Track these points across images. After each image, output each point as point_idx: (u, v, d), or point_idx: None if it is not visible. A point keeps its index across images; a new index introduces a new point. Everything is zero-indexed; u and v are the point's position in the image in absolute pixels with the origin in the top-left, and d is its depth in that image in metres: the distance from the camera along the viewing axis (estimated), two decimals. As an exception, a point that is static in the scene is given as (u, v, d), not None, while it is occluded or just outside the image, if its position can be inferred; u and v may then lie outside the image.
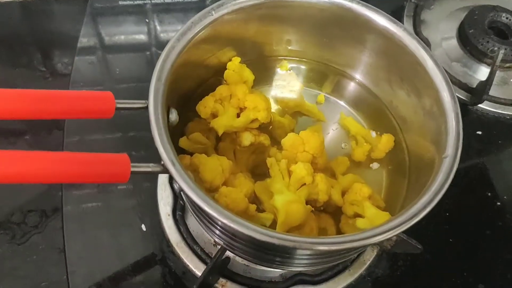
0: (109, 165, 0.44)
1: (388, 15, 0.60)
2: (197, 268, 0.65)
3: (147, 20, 0.95)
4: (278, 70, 0.71)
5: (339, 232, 0.59)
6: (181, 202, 0.68)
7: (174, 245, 0.66)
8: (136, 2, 0.97)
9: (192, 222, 0.68)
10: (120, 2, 0.97)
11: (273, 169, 0.56)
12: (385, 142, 0.64)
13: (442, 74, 0.55)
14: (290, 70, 0.70)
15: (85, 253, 0.66)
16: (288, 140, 0.59)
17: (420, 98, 0.59)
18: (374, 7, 0.60)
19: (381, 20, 0.60)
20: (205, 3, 0.98)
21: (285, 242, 0.44)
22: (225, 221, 0.44)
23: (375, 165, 0.66)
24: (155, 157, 0.47)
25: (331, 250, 0.46)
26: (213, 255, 0.64)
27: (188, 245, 0.66)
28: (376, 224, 0.53)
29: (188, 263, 0.65)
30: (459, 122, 0.52)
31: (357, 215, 0.57)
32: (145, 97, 0.51)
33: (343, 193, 0.60)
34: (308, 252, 0.50)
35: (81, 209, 0.70)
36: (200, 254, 0.66)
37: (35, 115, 0.44)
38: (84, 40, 0.91)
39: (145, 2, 0.97)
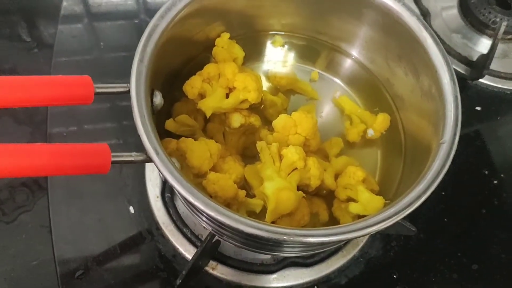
0: (88, 156, 0.42)
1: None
2: (187, 251, 0.64)
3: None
4: (271, 46, 0.68)
5: (331, 216, 0.58)
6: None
7: (164, 227, 0.65)
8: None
9: (182, 204, 0.66)
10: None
11: (263, 153, 0.54)
12: (381, 121, 0.62)
13: (442, 53, 0.52)
14: (284, 46, 0.67)
15: (72, 236, 0.65)
16: (280, 122, 0.57)
17: (418, 77, 0.57)
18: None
19: (379, -5, 0.56)
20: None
21: (274, 235, 0.42)
22: (211, 213, 0.43)
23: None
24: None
25: (321, 242, 0.44)
26: (203, 237, 0.63)
27: (177, 227, 0.65)
28: (369, 209, 0.52)
29: (178, 246, 0.64)
30: (458, 106, 0.50)
31: (350, 199, 0.55)
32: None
33: (336, 176, 0.58)
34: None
35: (67, 190, 0.68)
36: (190, 236, 0.64)
37: (10, 104, 0.41)
38: (68, 7, 0.87)
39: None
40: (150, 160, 0.44)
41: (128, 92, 0.47)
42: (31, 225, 0.67)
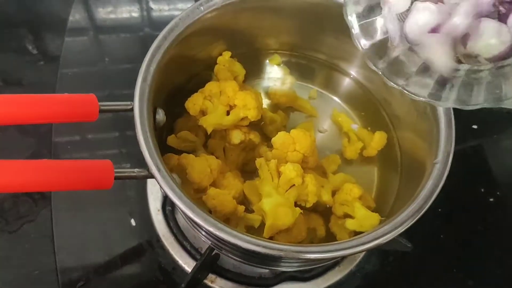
0: (91, 172, 0.43)
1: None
2: (187, 264, 0.65)
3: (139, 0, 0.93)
4: (269, 64, 0.69)
5: (328, 232, 0.59)
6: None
7: (164, 240, 0.66)
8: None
9: (182, 217, 0.67)
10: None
11: (262, 170, 0.55)
12: (378, 139, 0.63)
13: (437, 75, 0.54)
14: (281, 64, 0.69)
15: (74, 247, 0.66)
16: (279, 139, 0.58)
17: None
18: None
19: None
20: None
21: (271, 251, 0.44)
22: (210, 228, 0.44)
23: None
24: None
25: (317, 258, 0.45)
26: (203, 251, 0.64)
27: (177, 240, 0.66)
28: (365, 225, 0.54)
29: (177, 258, 0.65)
30: (451, 126, 0.51)
31: (347, 216, 0.56)
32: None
33: (334, 193, 0.59)
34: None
35: (70, 201, 0.69)
36: (189, 249, 0.65)
37: (17, 121, 0.43)
38: (75, 21, 0.89)
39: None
40: (152, 176, 0.46)
41: (132, 109, 0.48)
42: (33, 235, 0.68)
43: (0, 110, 0.42)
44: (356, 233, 0.54)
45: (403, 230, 0.46)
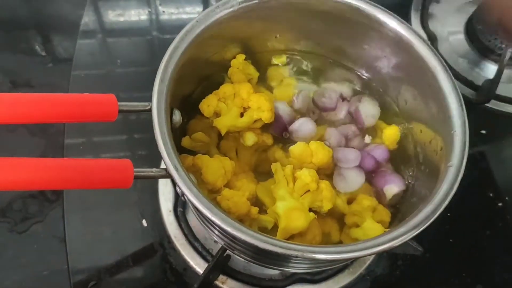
0: (111, 171, 0.44)
1: (398, 16, 0.58)
2: (198, 265, 0.65)
3: (148, 3, 0.94)
4: (280, 65, 0.70)
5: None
6: (182, 198, 0.68)
7: (175, 241, 0.67)
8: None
9: (193, 218, 0.68)
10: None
11: (277, 174, 0.56)
12: (392, 133, 0.63)
13: (450, 80, 0.54)
14: (287, 64, 0.69)
15: (85, 247, 0.67)
16: (297, 150, 0.58)
17: (427, 102, 0.58)
18: (383, 8, 0.59)
19: (390, 22, 0.58)
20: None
21: (288, 251, 0.44)
22: (227, 228, 0.44)
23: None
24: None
25: (332, 259, 0.46)
26: (214, 252, 0.65)
27: (189, 241, 0.67)
28: (368, 235, 0.54)
29: (189, 259, 0.66)
30: (465, 132, 0.51)
31: (356, 226, 0.56)
32: (147, 81, 0.50)
33: (351, 201, 0.59)
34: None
35: (82, 202, 0.70)
36: (201, 250, 0.66)
37: (37, 119, 0.44)
38: (86, 24, 0.90)
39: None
40: (170, 176, 0.46)
41: (149, 110, 0.49)
42: (43, 235, 0.69)
43: (25, 108, 0.42)
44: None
45: (417, 232, 0.46)
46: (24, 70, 0.85)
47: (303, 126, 0.62)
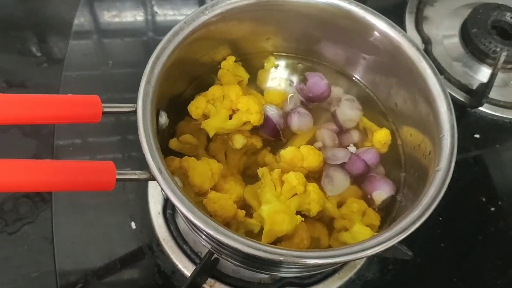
0: (94, 173, 0.43)
1: (388, 19, 0.58)
2: (186, 268, 0.65)
3: (143, 4, 0.94)
4: (270, 67, 0.69)
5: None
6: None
7: (164, 243, 0.66)
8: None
9: (182, 221, 0.67)
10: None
11: (264, 178, 0.55)
12: (383, 135, 0.63)
13: (440, 83, 0.54)
14: (277, 67, 0.69)
15: (73, 249, 0.66)
16: (288, 154, 0.58)
17: (416, 105, 0.58)
18: (373, 10, 0.58)
19: (381, 24, 0.58)
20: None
21: (271, 255, 0.43)
22: (210, 231, 0.44)
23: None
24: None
25: (317, 263, 0.45)
26: (202, 255, 0.64)
27: (177, 244, 0.66)
28: (357, 239, 0.53)
29: (177, 262, 0.65)
30: (454, 135, 0.51)
31: (345, 229, 0.56)
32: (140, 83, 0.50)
33: (341, 205, 0.59)
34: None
35: (70, 204, 0.69)
36: (189, 253, 0.65)
37: (21, 121, 0.43)
38: (79, 24, 0.90)
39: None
40: (153, 178, 0.46)
41: (135, 112, 0.48)
42: (33, 236, 0.68)
43: (4, 109, 0.42)
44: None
45: (404, 237, 0.46)
46: (19, 70, 0.85)
47: (302, 118, 0.62)
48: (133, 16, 0.93)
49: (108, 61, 0.85)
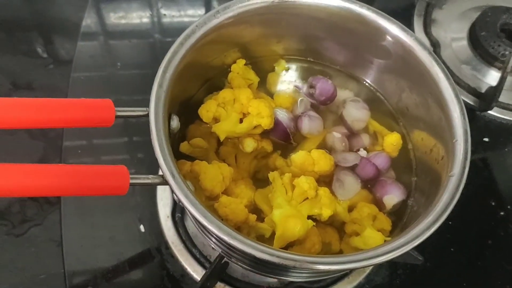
0: (107, 178, 0.43)
1: (400, 23, 0.58)
2: (196, 272, 0.64)
3: (150, 6, 0.94)
4: (281, 70, 0.69)
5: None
6: (180, 204, 0.68)
7: (173, 247, 0.66)
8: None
9: (191, 224, 0.67)
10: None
11: (275, 183, 0.55)
12: (394, 139, 0.62)
13: (452, 87, 0.54)
14: (287, 70, 0.69)
15: (82, 251, 0.66)
16: (299, 158, 0.58)
17: (428, 109, 0.58)
18: (385, 14, 0.58)
19: (393, 28, 0.58)
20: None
21: (285, 261, 0.43)
22: (223, 236, 0.44)
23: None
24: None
25: (331, 269, 0.45)
26: (212, 259, 0.64)
27: (186, 247, 0.66)
28: (369, 244, 0.53)
29: (186, 266, 0.65)
30: (467, 140, 0.50)
31: (356, 234, 0.56)
32: (148, 85, 0.50)
33: (351, 209, 0.59)
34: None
35: (79, 206, 0.69)
36: (198, 257, 0.65)
37: (33, 125, 0.43)
38: (87, 26, 0.90)
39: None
40: (166, 183, 0.45)
41: (147, 115, 0.48)
42: (40, 238, 0.68)
43: (18, 114, 0.42)
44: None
45: (418, 243, 0.46)
46: (25, 72, 0.85)
47: (312, 121, 0.62)
48: (139, 18, 0.93)
49: (116, 63, 0.85)
